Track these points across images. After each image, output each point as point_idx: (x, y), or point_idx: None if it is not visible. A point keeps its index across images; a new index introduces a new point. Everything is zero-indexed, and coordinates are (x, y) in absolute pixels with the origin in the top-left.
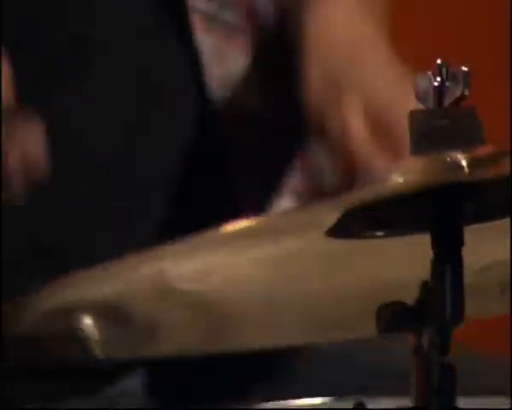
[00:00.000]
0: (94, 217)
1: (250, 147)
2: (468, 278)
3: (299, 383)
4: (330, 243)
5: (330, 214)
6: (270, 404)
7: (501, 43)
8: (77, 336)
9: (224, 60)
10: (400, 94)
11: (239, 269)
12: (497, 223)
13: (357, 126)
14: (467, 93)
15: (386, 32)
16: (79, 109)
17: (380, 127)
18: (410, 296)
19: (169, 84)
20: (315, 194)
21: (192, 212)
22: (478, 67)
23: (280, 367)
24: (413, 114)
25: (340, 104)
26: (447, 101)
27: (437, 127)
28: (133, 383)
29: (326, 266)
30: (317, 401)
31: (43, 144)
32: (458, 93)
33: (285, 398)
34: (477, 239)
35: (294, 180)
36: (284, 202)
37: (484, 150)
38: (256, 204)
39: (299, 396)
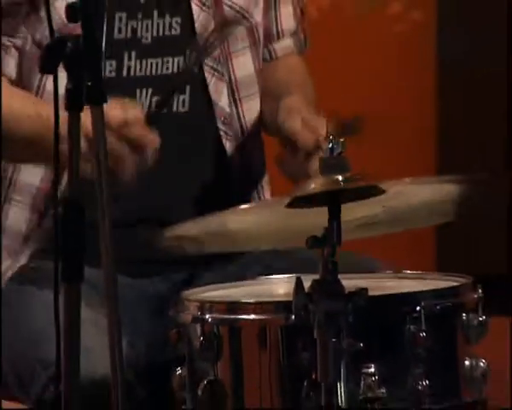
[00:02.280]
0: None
1: None
2: (353, 222)
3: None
4: (286, 210)
5: (287, 199)
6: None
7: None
8: (183, 245)
9: None
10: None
11: (246, 220)
12: (361, 202)
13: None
14: (344, 150)
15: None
16: None
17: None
18: (318, 232)
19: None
20: None
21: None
22: None
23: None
24: (320, 159)
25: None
26: (335, 153)
27: (330, 164)
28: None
29: (284, 218)
30: (284, 276)
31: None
32: (339, 150)
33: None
34: (350, 208)
35: None
36: None
37: (352, 173)
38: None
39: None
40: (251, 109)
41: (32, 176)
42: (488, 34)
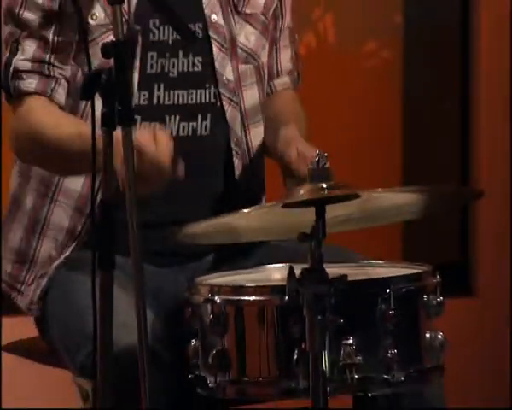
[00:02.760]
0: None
1: None
2: (335, 218)
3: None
4: (283, 209)
5: (280, 204)
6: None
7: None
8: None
9: None
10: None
11: (248, 216)
12: (341, 204)
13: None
14: (327, 164)
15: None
16: None
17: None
18: (306, 228)
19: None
20: None
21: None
22: None
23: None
24: (308, 169)
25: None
26: (320, 165)
27: (315, 174)
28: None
29: (280, 216)
30: (278, 264)
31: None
32: (323, 163)
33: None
34: (332, 210)
35: None
36: None
37: (336, 181)
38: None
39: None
40: (256, 135)
41: (75, 183)
42: (444, 70)
